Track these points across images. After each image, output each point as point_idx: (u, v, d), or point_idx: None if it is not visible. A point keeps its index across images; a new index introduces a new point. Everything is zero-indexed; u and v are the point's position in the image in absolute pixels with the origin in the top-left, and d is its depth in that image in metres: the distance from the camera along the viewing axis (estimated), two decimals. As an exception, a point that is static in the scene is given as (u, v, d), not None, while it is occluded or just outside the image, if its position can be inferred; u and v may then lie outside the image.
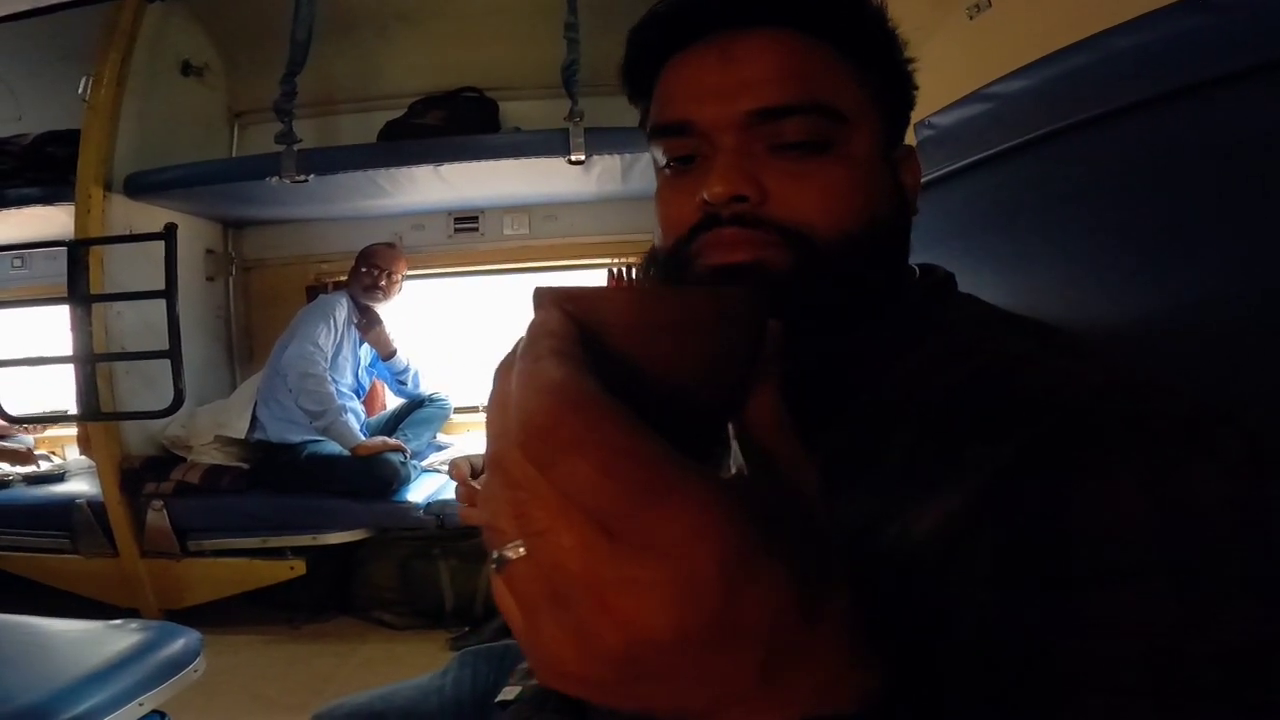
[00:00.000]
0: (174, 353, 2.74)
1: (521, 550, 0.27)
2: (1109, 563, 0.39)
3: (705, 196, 0.56)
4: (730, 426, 0.33)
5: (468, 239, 3.75)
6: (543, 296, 0.31)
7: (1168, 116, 0.69)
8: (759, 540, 0.27)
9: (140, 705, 1.29)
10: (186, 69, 3.38)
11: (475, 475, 0.96)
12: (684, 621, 0.26)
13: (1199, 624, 0.36)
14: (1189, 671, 0.35)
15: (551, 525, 0.26)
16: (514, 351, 0.29)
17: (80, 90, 2.90)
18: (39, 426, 3.76)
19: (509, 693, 0.81)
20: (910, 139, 1.20)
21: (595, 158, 2.82)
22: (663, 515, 0.25)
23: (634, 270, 0.43)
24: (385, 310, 3.25)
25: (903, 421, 0.52)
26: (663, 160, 0.62)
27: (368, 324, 3.19)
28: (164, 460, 3.06)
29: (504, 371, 0.30)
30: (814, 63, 0.58)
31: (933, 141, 1.05)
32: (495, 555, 0.28)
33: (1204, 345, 0.66)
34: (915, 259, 0.65)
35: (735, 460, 0.33)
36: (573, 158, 2.81)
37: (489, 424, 0.30)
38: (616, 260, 3.51)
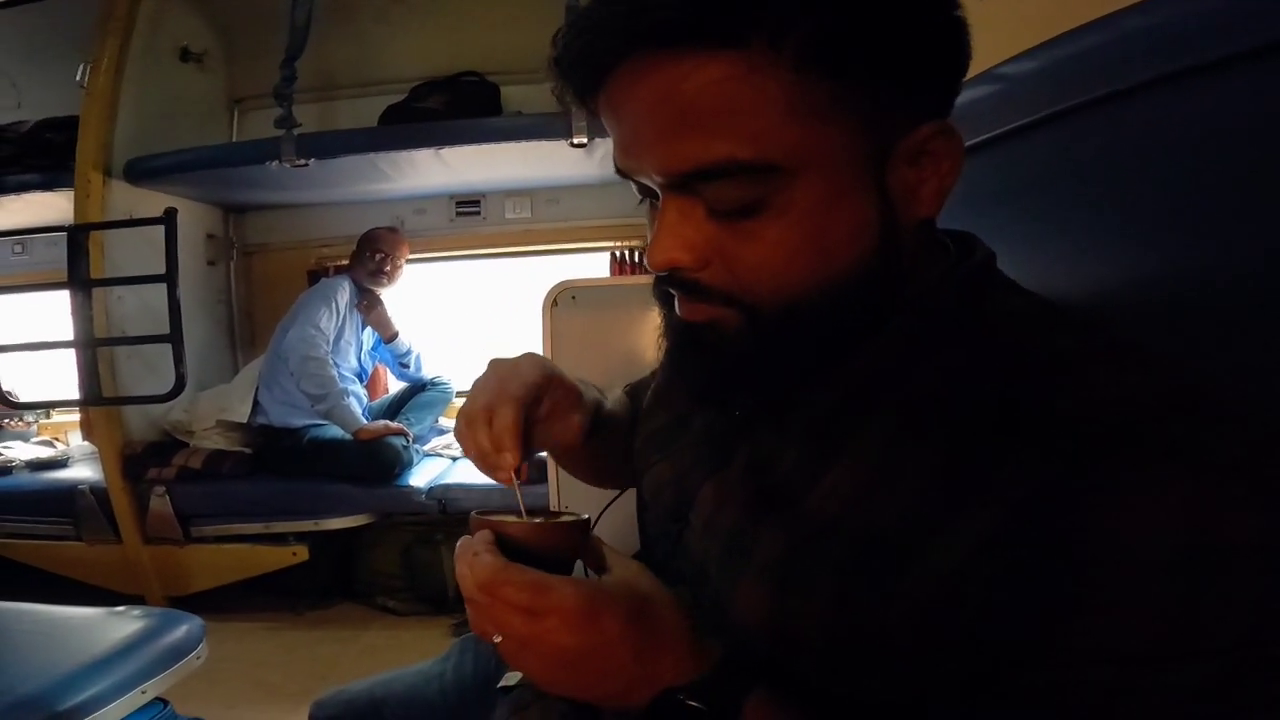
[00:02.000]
0: (175, 337, 2.73)
1: (498, 638, 0.52)
2: (1117, 600, 0.39)
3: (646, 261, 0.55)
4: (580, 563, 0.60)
5: (470, 223, 3.73)
6: (474, 523, 0.58)
7: (1181, 95, 0.67)
8: (599, 596, 0.51)
9: (143, 693, 1.29)
10: (185, 55, 3.36)
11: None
12: (577, 639, 0.50)
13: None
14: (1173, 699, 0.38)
15: (507, 620, 0.51)
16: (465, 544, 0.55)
17: (78, 77, 2.89)
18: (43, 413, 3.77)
19: (510, 678, 0.81)
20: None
21: (598, 140, 2.80)
22: (549, 598, 0.50)
23: (636, 254, 0.57)
24: (387, 294, 3.24)
25: (934, 429, 0.49)
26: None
27: (369, 305, 3.18)
28: (166, 445, 3.07)
29: (460, 557, 0.54)
30: (735, 98, 0.47)
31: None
32: (492, 642, 0.52)
33: (1216, 324, 0.65)
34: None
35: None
36: (575, 141, 2.78)
37: (460, 579, 0.54)
38: (619, 243, 3.51)
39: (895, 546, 0.47)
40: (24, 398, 3.13)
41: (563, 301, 1.58)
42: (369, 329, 3.27)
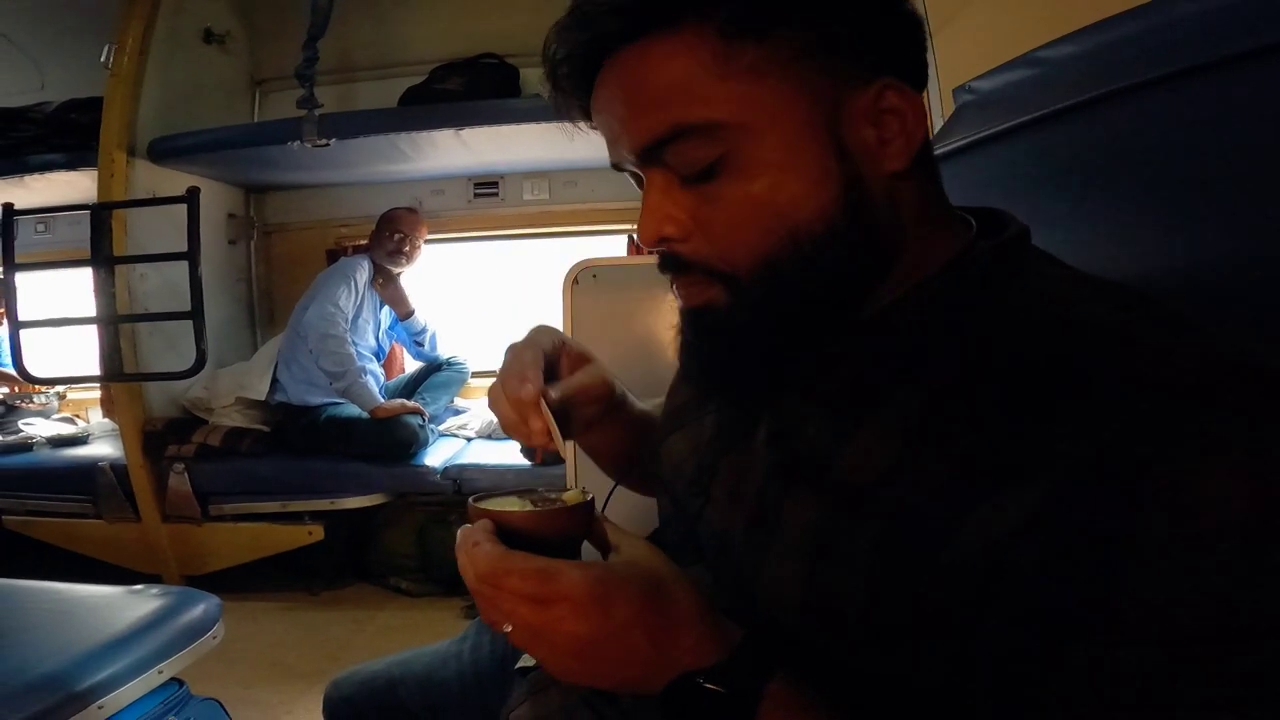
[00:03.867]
0: (196, 314, 2.76)
1: (508, 628, 0.50)
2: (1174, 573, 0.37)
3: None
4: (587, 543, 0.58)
5: (488, 204, 3.72)
6: (472, 511, 0.57)
7: (1227, 82, 0.65)
8: (609, 580, 0.49)
9: (160, 673, 1.28)
10: (208, 36, 3.37)
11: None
12: (589, 627, 0.48)
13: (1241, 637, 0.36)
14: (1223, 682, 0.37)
15: (514, 609, 0.50)
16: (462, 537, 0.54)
17: (103, 58, 2.91)
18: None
19: (528, 659, 0.80)
20: (948, 100, 1.18)
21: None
22: (557, 585, 0.48)
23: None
24: (405, 275, 3.25)
25: (975, 397, 0.48)
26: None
27: (385, 281, 3.19)
28: (186, 422, 3.08)
29: (460, 549, 0.53)
30: (674, 72, 0.54)
31: (973, 106, 1.01)
32: (504, 632, 0.51)
33: (1259, 313, 0.63)
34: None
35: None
36: (594, 124, 2.75)
37: (462, 571, 0.53)
38: (636, 226, 3.49)
39: (936, 518, 0.46)
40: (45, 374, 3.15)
41: (584, 280, 1.58)
42: (386, 308, 3.28)
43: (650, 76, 0.54)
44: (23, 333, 2.87)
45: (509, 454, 2.91)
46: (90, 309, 2.86)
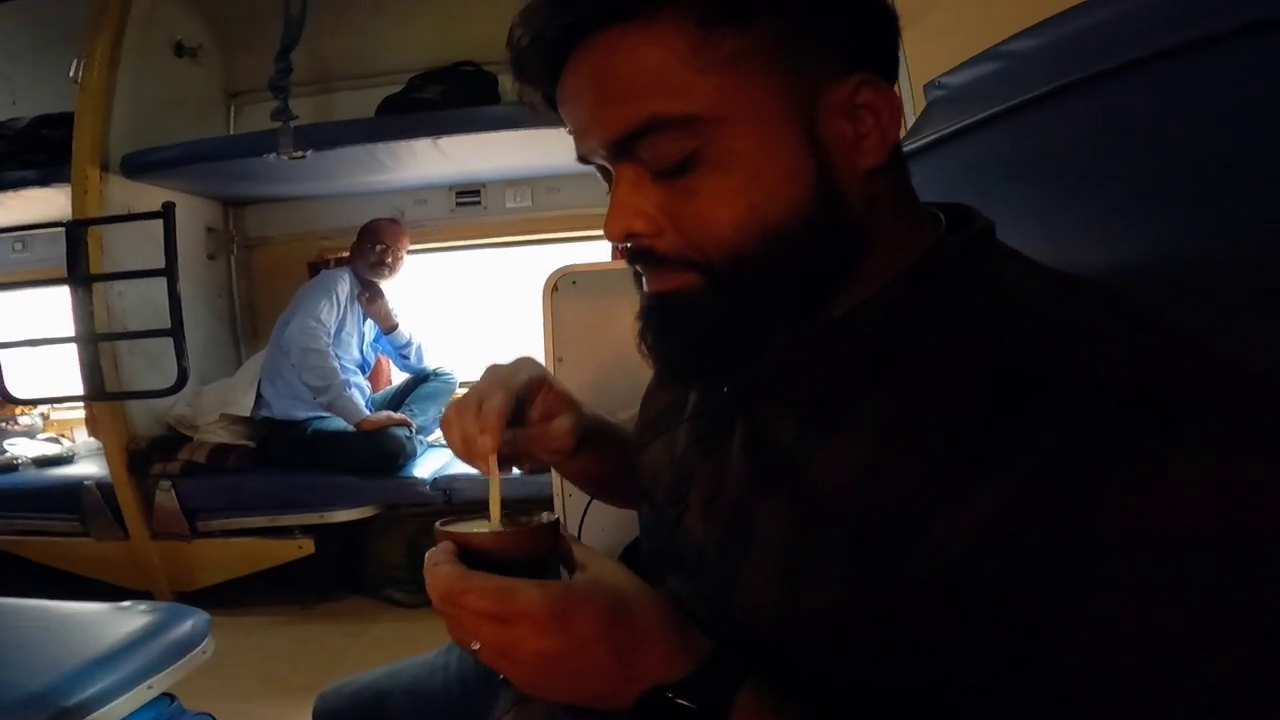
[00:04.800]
0: (176, 331, 2.73)
1: (476, 646, 0.51)
2: (1142, 574, 0.37)
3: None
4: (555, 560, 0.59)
5: (470, 213, 3.71)
6: (436, 534, 0.58)
7: (1189, 69, 0.66)
8: (568, 597, 0.50)
9: (150, 688, 1.28)
10: (180, 50, 3.35)
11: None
12: (550, 644, 0.49)
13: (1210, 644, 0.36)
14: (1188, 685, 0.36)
15: (478, 628, 0.50)
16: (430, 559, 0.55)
17: (71, 72, 2.89)
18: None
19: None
20: (919, 97, 1.18)
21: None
22: (515, 603, 0.49)
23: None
24: (388, 286, 3.23)
25: (941, 398, 0.48)
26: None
27: (370, 297, 3.18)
28: (171, 440, 3.07)
29: (427, 572, 0.54)
30: (649, 62, 0.52)
31: (944, 101, 1.01)
32: (472, 650, 0.52)
33: (1224, 303, 0.63)
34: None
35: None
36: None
37: (429, 592, 0.54)
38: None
39: (905, 523, 0.45)
40: (27, 395, 3.13)
41: (563, 287, 1.58)
42: (370, 321, 3.26)
43: (624, 66, 0.53)
44: (3, 353, 2.85)
45: (498, 462, 2.89)
46: (70, 329, 2.83)
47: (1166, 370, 0.40)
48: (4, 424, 3.68)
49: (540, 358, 1.63)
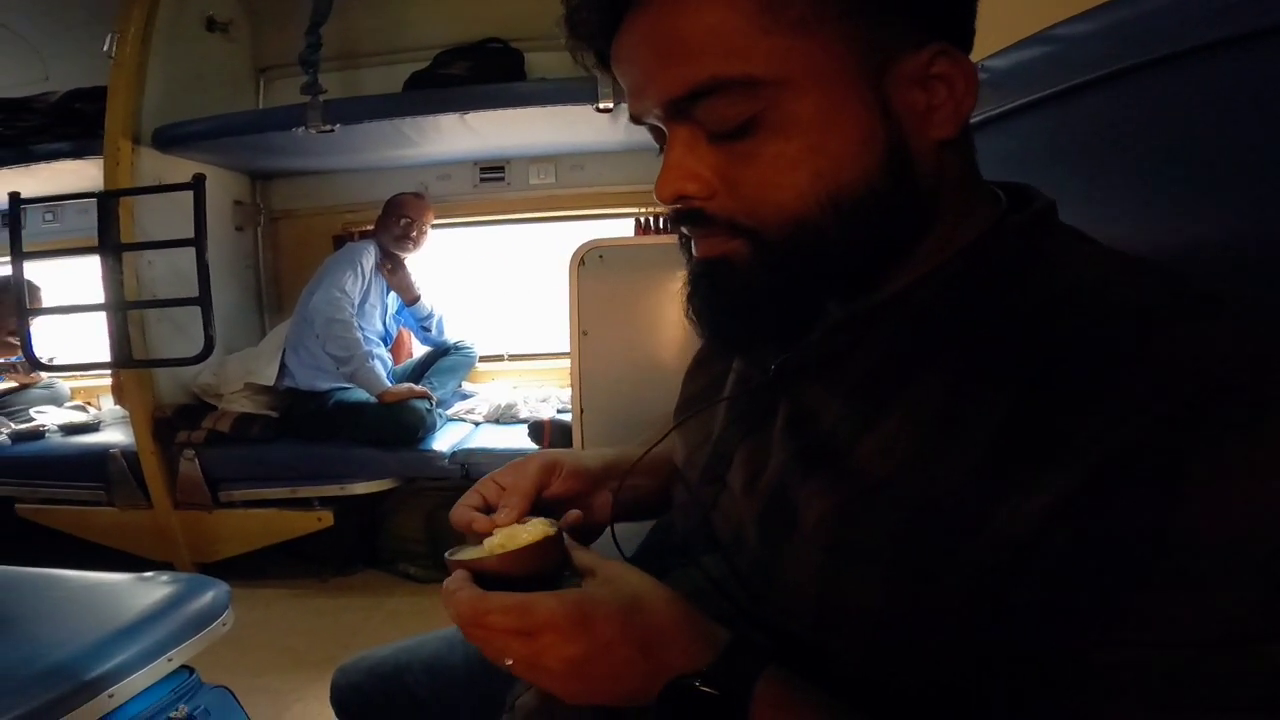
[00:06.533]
0: (204, 300, 2.77)
1: (509, 662, 0.52)
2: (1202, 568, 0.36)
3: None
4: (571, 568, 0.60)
5: (494, 188, 3.71)
6: (448, 564, 0.61)
7: (1243, 59, 0.64)
8: (585, 602, 0.51)
9: (170, 660, 1.28)
10: (211, 24, 3.36)
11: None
12: (576, 648, 0.50)
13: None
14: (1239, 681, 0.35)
15: (506, 645, 0.52)
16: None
17: (105, 48, 2.91)
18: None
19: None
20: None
21: (623, 105, 2.75)
22: (536, 616, 0.50)
23: (660, 220, 0.58)
24: (412, 260, 3.25)
25: (999, 381, 0.46)
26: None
27: (392, 268, 3.20)
28: (195, 409, 3.10)
29: (447, 600, 0.55)
30: (713, 21, 0.50)
31: (988, 84, 0.98)
32: (506, 665, 0.53)
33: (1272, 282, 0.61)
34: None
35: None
36: (600, 105, 2.74)
37: (454, 621, 0.55)
38: (643, 209, 3.48)
39: (958, 512, 0.44)
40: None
41: (590, 261, 1.57)
42: (393, 294, 3.27)
43: (686, 24, 0.51)
44: (34, 320, 2.88)
45: (517, 438, 2.92)
46: (99, 298, 2.86)
47: (1247, 358, 0.39)
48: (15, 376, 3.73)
49: (566, 330, 1.63)
